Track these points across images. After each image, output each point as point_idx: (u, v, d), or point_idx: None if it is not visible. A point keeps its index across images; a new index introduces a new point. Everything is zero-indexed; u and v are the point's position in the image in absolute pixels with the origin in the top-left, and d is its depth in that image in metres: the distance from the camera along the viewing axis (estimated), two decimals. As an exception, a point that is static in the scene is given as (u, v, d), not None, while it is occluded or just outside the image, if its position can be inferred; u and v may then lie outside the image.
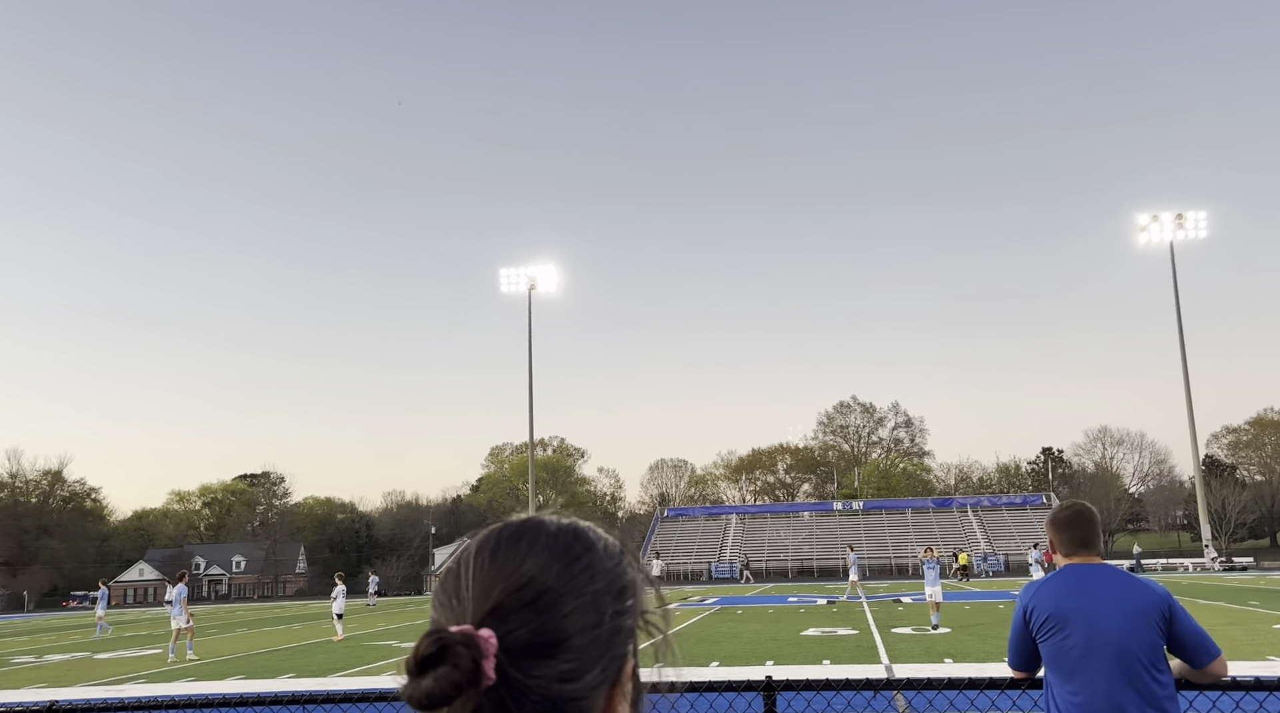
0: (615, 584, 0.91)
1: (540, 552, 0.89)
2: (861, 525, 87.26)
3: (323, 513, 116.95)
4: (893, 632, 21.81)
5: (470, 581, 0.87)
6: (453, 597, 0.87)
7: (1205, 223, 65.90)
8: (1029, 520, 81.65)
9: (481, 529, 0.87)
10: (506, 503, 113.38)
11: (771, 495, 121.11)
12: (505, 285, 73.79)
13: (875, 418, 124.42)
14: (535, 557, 0.88)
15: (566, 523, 0.95)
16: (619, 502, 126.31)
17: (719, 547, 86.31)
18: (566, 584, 0.87)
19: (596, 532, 0.96)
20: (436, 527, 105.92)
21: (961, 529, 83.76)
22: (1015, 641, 3.71)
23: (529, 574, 0.86)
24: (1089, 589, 3.54)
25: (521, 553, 0.88)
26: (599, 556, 0.92)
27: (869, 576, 74.10)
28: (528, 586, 0.85)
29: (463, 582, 0.87)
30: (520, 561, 0.88)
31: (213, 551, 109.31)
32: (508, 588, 0.85)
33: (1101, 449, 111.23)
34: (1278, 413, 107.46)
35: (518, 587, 0.85)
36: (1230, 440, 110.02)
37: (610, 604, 0.89)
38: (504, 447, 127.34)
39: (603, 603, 0.88)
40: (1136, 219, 67.01)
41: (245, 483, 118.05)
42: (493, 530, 0.93)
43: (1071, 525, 3.70)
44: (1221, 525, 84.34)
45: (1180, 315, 65.07)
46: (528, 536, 0.91)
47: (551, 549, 0.90)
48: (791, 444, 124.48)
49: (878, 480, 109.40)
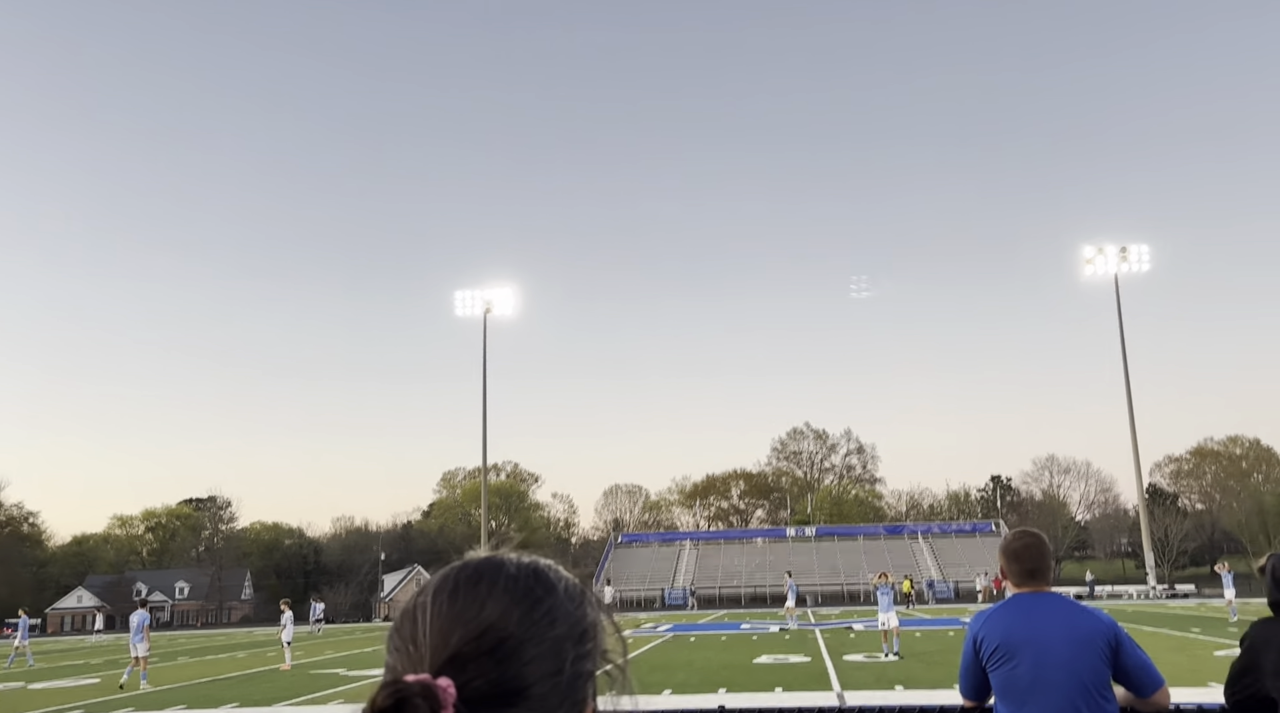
0: (577, 628, 0.89)
1: (500, 595, 0.86)
2: (814, 552, 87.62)
3: (270, 538, 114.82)
4: (845, 659, 21.88)
5: (428, 625, 0.84)
6: (409, 643, 0.84)
7: (1148, 256, 67.57)
8: (979, 548, 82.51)
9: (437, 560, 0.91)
10: (458, 529, 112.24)
11: (725, 521, 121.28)
12: (460, 308, 73.42)
13: (828, 444, 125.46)
14: (495, 601, 0.85)
15: (527, 563, 0.92)
16: (573, 527, 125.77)
17: (672, 573, 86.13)
18: (527, 631, 0.84)
19: (558, 572, 0.93)
20: (386, 553, 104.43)
21: (913, 556, 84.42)
22: (966, 670, 3.73)
23: (488, 621, 0.84)
24: (1038, 619, 3.58)
25: (481, 597, 0.86)
26: (560, 599, 0.89)
27: (821, 603, 74.41)
28: (487, 633, 0.83)
29: (419, 626, 0.84)
30: (480, 606, 0.85)
31: (155, 577, 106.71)
32: (466, 635, 0.82)
33: (1049, 477, 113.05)
34: (1218, 442, 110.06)
35: (477, 634, 0.83)
36: (1172, 469, 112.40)
37: (571, 650, 0.87)
38: (456, 471, 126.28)
39: (564, 649, 0.86)
40: (1082, 251, 68.49)
41: (190, 507, 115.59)
42: (450, 570, 0.90)
43: (1021, 557, 3.74)
44: (1164, 553, 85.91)
45: (1124, 346, 66.45)
46: (487, 578, 0.88)
47: (512, 593, 0.87)
48: (745, 470, 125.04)
49: (830, 507, 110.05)
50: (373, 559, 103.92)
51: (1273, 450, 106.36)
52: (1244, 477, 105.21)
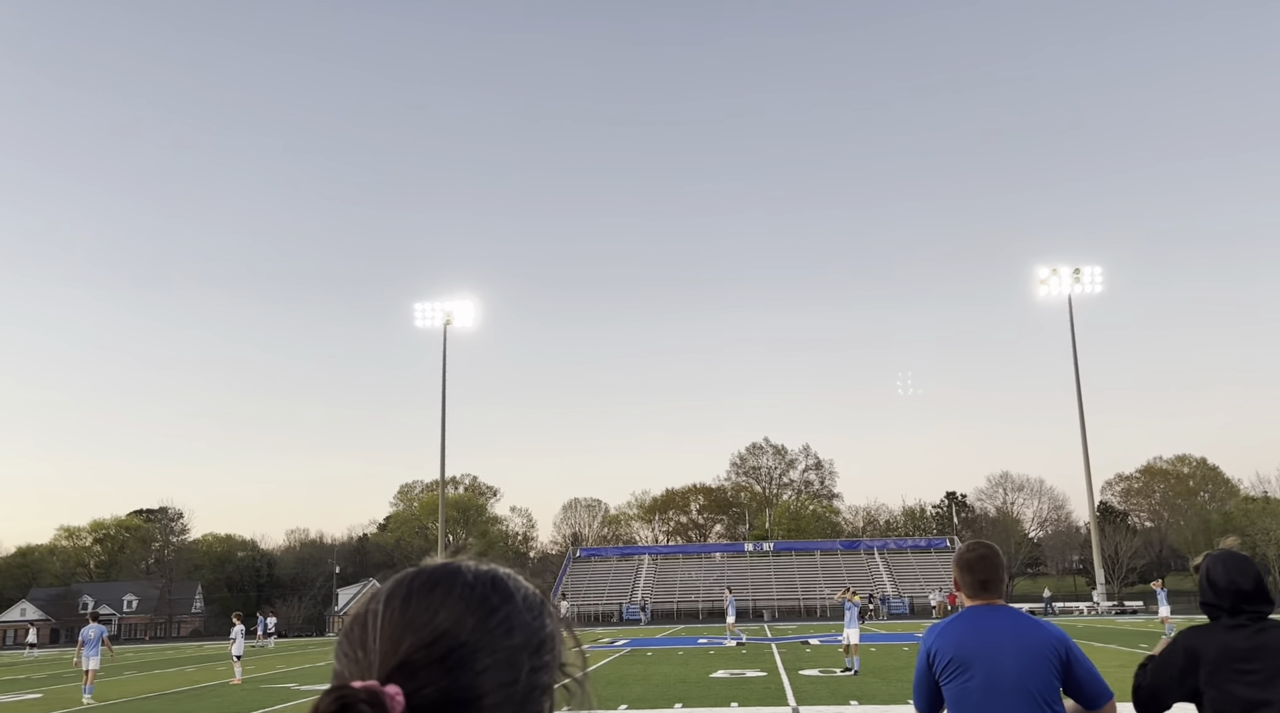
0: (534, 639, 0.85)
1: (455, 602, 0.83)
2: (771, 567, 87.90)
3: (222, 550, 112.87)
4: (800, 674, 21.96)
5: (378, 631, 0.81)
6: (358, 647, 0.81)
7: (1101, 277, 68.78)
8: (933, 563, 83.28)
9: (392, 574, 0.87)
10: (415, 542, 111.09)
11: (684, 536, 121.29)
12: (420, 320, 72.92)
13: (787, 460, 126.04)
14: (449, 608, 0.82)
15: (484, 570, 0.89)
16: (531, 541, 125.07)
17: (631, 587, 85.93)
18: (482, 639, 0.81)
19: (516, 580, 0.90)
20: (341, 566, 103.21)
21: (868, 571, 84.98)
22: (919, 683, 3.76)
23: (442, 627, 0.80)
24: (989, 632, 3.62)
25: (435, 603, 0.82)
26: (518, 608, 0.86)
27: (778, 617, 74.64)
28: (440, 640, 0.80)
29: (369, 632, 0.81)
30: (433, 612, 0.81)
31: (103, 589, 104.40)
32: (418, 642, 0.79)
33: (1003, 494, 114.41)
34: (1166, 461, 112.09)
35: (429, 641, 0.80)
36: (1123, 488, 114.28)
37: (528, 661, 0.84)
38: (414, 485, 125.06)
39: (519, 660, 0.83)
40: (1037, 272, 69.56)
41: (141, 519, 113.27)
42: (404, 577, 0.87)
43: (975, 568, 3.77)
44: (1114, 570, 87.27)
45: (1077, 366, 67.50)
46: (442, 584, 0.84)
47: (467, 600, 0.83)
48: (705, 484, 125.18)
49: (788, 522, 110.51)
50: (327, 573, 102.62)
51: (1219, 470, 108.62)
52: (1191, 495, 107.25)
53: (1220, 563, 3.64)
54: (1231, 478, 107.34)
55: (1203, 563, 3.72)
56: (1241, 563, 3.63)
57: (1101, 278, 68.78)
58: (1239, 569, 3.61)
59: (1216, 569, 3.63)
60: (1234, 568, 3.61)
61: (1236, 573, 3.60)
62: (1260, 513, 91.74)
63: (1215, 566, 3.64)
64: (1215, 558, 3.69)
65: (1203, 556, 3.77)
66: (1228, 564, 3.63)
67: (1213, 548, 3.83)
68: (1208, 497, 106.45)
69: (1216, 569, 3.63)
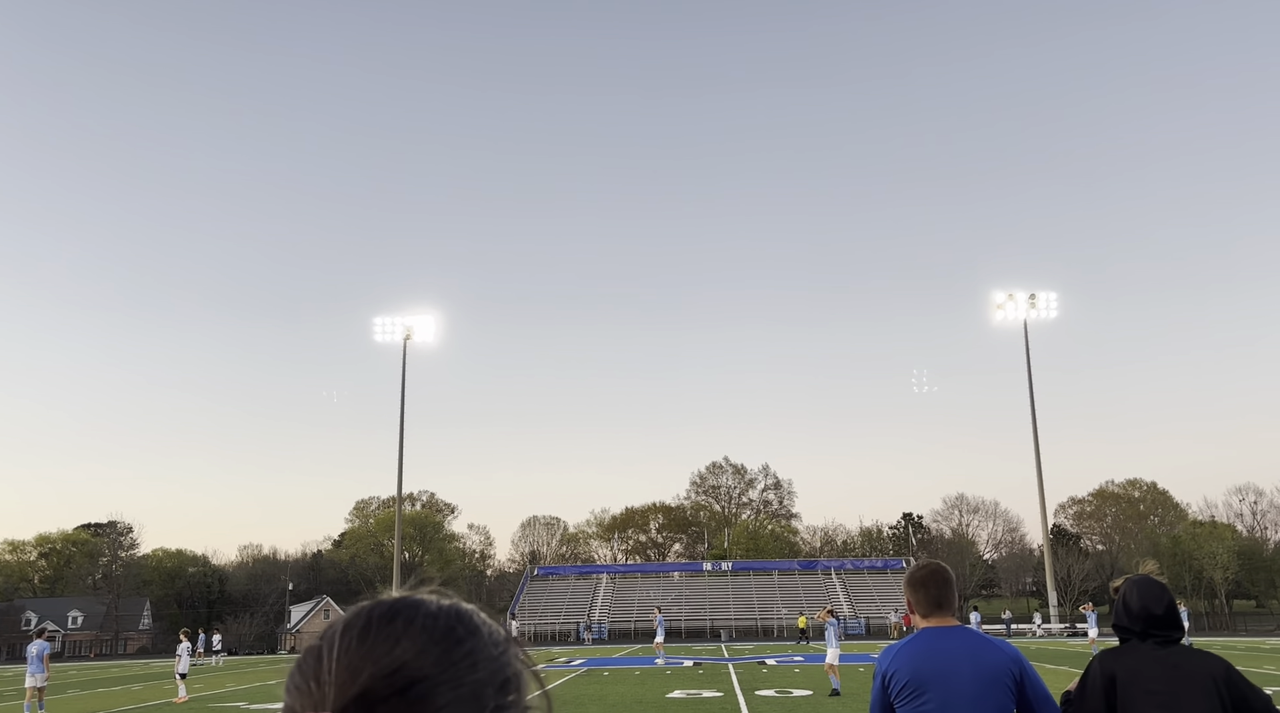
0: (499, 676, 0.81)
1: (417, 634, 0.79)
2: (730, 586, 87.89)
3: (172, 566, 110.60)
4: (757, 694, 21.95)
5: (334, 663, 0.76)
6: (310, 680, 0.77)
7: (1056, 303, 69.92)
8: (890, 584, 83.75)
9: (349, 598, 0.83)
10: (370, 559, 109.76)
11: (643, 555, 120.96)
12: (380, 334, 72.35)
13: (746, 479, 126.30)
14: (410, 639, 0.78)
15: (448, 604, 0.84)
16: (489, 559, 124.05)
17: (589, 606, 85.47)
18: (445, 673, 0.77)
19: (481, 616, 0.85)
20: (295, 583, 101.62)
21: (825, 591, 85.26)
22: (875, 706, 3.76)
23: (402, 659, 0.76)
24: (944, 653, 3.62)
25: (395, 634, 0.78)
26: (483, 642, 0.81)
27: (736, 637, 74.59)
28: (400, 671, 0.76)
29: (324, 664, 0.77)
30: (393, 643, 0.77)
31: (46, 605, 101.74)
32: (377, 673, 0.75)
33: (958, 516, 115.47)
34: (1118, 485, 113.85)
35: (389, 671, 0.75)
36: (1075, 511, 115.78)
37: (492, 698, 0.79)
38: (370, 501, 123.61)
39: (484, 696, 0.79)
40: (993, 296, 70.56)
41: (88, 533, 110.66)
42: (363, 607, 0.83)
43: (926, 585, 3.77)
44: (1067, 592, 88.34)
45: (1032, 390, 68.48)
46: (403, 615, 0.80)
47: (430, 632, 0.79)
48: (664, 503, 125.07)
49: (747, 541, 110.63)
50: (280, 589, 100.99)
51: (1169, 494, 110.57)
52: (1142, 519, 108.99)
53: (1136, 588, 3.71)
54: (1181, 502, 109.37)
55: (1122, 585, 3.78)
56: (1156, 589, 3.71)
57: (1056, 304, 69.94)
58: (1153, 595, 3.68)
59: (1131, 594, 3.70)
60: (1148, 593, 3.69)
61: (1150, 599, 3.67)
62: (1207, 537, 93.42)
63: (1131, 590, 3.72)
64: (1132, 583, 3.76)
65: (1122, 579, 3.83)
66: (1142, 590, 3.70)
67: (1162, 571, 3.90)
68: (1158, 521, 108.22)
69: (1131, 594, 3.70)
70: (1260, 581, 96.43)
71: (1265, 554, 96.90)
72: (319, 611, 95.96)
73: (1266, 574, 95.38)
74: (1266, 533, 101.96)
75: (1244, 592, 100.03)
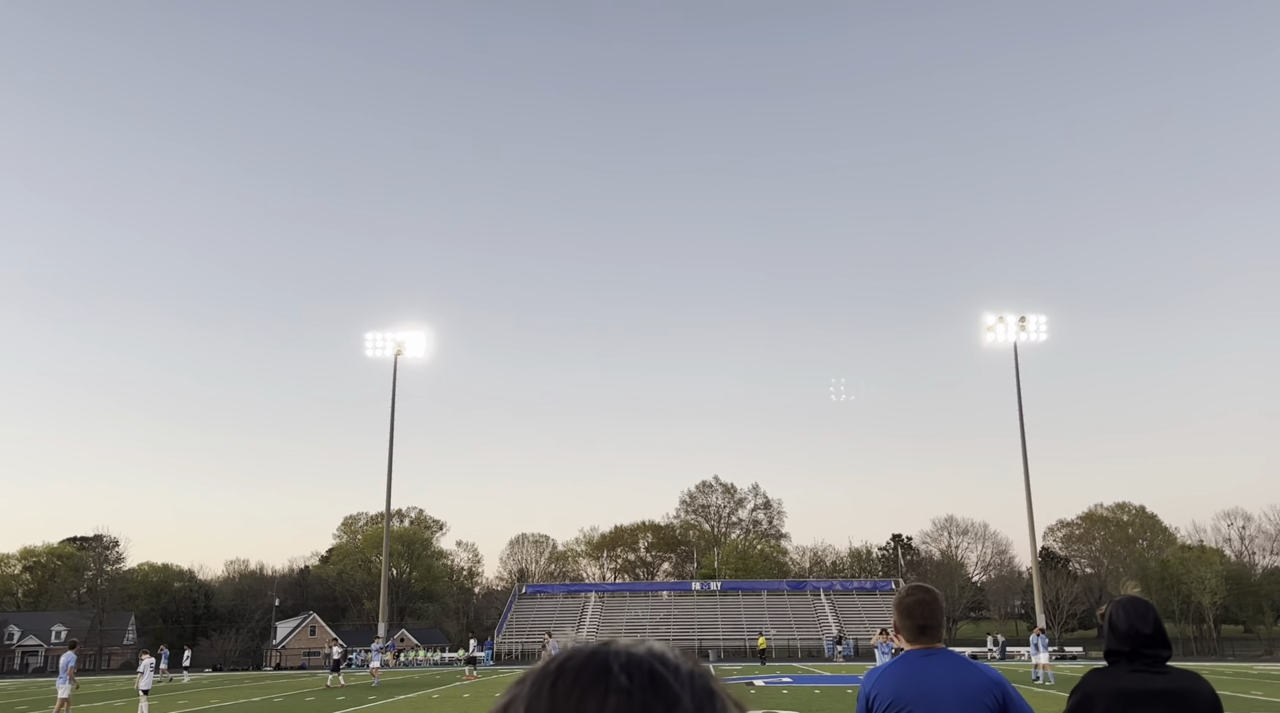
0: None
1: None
2: (718, 606, 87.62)
3: (158, 580, 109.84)
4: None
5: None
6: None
7: (1046, 326, 70.12)
8: (879, 605, 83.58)
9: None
10: (358, 576, 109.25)
11: (632, 574, 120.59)
12: (371, 350, 72.18)
13: (736, 499, 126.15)
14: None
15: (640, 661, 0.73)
16: (477, 577, 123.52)
17: (577, 625, 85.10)
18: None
19: (677, 668, 0.73)
20: (281, 599, 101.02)
21: (814, 612, 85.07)
22: (859, 727, 3.81)
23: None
24: (928, 676, 3.65)
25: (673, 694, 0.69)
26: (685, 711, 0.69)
27: (725, 658, 74.24)
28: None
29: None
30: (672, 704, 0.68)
31: (30, 619, 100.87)
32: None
33: (947, 538, 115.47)
34: (1107, 509, 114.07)
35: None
36: (1064, 534, 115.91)
37: None
38: (358, 516, 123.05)
39: None
40: (984, 319, 70.70)
41: (74, 546, 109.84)
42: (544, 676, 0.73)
43: (914, 612, 3.80)
44: (1055, 615, 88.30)
45: (1022, 413, 68.49)
46: (592, 692, 0.70)
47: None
48: (654, 522, 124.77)
49: (736, 561, 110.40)
50: (266, 605, 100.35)
51: (1157, 518, 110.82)
52: (1130, 543, 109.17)
53: (1122, 608, 3.70)
54: (1169, 526, 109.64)
55: (1108, 609, 3.78)
56: (1142, 608, 3.70)
57: (1046, 327, 70.10)
58: (1140, 614, 3.68)
59: (1118, 615, 3.69)
60: (1135, 613, 3.68)
61: (1137, 618, 3.66)
62: (1195, 561, 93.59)
63: (1117, 611, 3.71)
64: (1118, 604, 3.76)
65: (1109, 603, 3.82)
66: (1129, 609, 3.69)
67: (1151, 595, 3.93)
68: (1146, 544, 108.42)
69: (1118, 615, 3.69)
70: (1248, 606, 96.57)
71: (1253, 579, 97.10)
72: (305, 627, 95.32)
73: (1254, 600, 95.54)
74: (1254, 558, 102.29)
75: (1232, 617, 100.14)
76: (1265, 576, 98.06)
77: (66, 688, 21.17)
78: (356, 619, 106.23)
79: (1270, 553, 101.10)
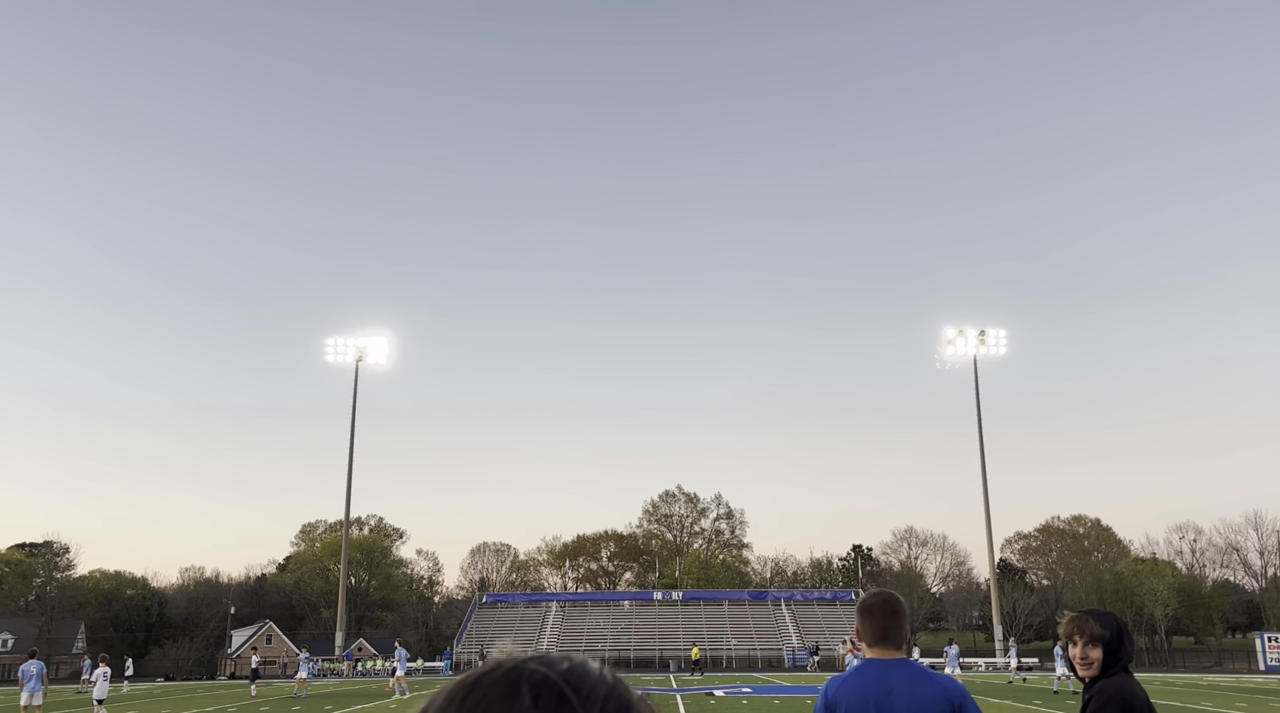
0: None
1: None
2: (680, 616, 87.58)
3: (110, 588, 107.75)
4: (704, 725, 21.85)
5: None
6: None
7: (1005, 340, 71.13)
8: (839, 615, 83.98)
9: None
10: (316, 584, 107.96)
11: (594, 583, 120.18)
12: (332, 355, 71.55)
13: (698, 508, 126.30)
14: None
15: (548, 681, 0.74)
16: (437, 586, 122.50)
17: (537, 635, 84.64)
18: None
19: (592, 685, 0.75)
20: (237, 607, 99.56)
21: (775, 622, 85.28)
22: (818, 736, 3.81)
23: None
24: (886, 685, 3.67)
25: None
26: None
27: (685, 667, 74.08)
28: None
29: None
30: None
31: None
32: None
33: (907, 549, 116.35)
34: (1064, 521, 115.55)
35: None
36: (1022, 546, 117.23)
37: None
38: (317, 524, 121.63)
39: None
40: (944, 332, 71.60)
41: (22, 552, 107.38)
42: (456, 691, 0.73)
43: (875, 613, 3.82)
44: (1012, 626, 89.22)
45: (981, 426, 69.43)
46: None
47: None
48: (616, 531, 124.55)
49: (698, 571, 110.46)
50: (222, 613, 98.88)
51: (1112, 530, 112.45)
52: (1086, 555, 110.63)
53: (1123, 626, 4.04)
54: (1123, 538, 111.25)
55: (1110, 625, 3.95)
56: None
57: (1005, 340, 71.13)
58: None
59: (1126, 630, 3.98)
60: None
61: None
62: (1148, 574, 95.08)
63: (1125, 627, 4.00)
64: (1120, 620, 4.03)
65: (1068, 619, 4.01)
66: (1124, 627, 4.01)
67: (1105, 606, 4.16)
68: (1101, 556, 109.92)
69: (1126, 630, 3.98)
70: (1198, 618, 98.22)
71: (1203, 592, 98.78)
72: (261, 635, 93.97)
73: (1204, 612, 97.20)
74: (1205, 571, 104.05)
75: (1183, 628, 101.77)
76: (1215, 588, 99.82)
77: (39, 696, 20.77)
78: (314, 628, 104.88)
79: (1220, 566, 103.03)
